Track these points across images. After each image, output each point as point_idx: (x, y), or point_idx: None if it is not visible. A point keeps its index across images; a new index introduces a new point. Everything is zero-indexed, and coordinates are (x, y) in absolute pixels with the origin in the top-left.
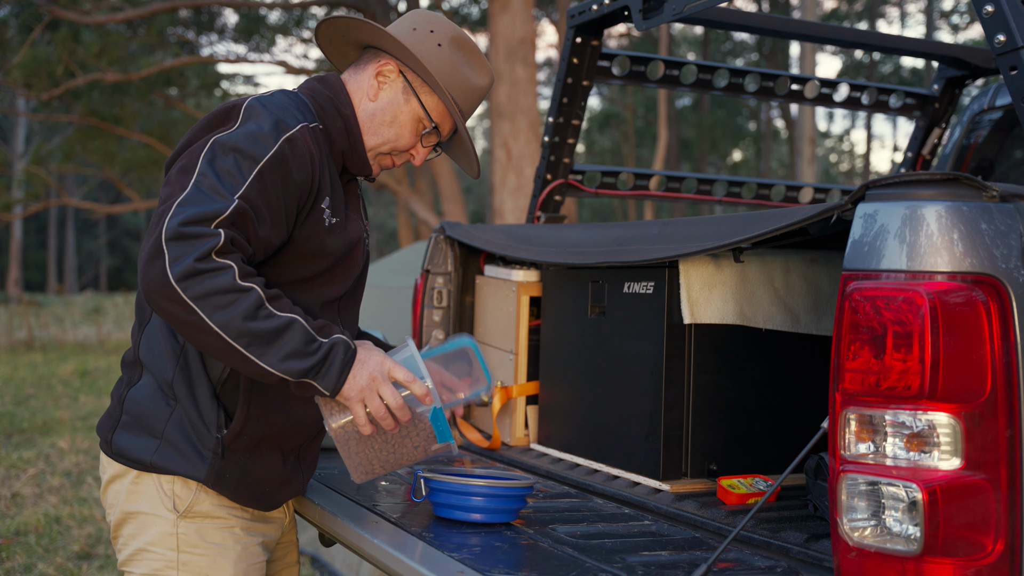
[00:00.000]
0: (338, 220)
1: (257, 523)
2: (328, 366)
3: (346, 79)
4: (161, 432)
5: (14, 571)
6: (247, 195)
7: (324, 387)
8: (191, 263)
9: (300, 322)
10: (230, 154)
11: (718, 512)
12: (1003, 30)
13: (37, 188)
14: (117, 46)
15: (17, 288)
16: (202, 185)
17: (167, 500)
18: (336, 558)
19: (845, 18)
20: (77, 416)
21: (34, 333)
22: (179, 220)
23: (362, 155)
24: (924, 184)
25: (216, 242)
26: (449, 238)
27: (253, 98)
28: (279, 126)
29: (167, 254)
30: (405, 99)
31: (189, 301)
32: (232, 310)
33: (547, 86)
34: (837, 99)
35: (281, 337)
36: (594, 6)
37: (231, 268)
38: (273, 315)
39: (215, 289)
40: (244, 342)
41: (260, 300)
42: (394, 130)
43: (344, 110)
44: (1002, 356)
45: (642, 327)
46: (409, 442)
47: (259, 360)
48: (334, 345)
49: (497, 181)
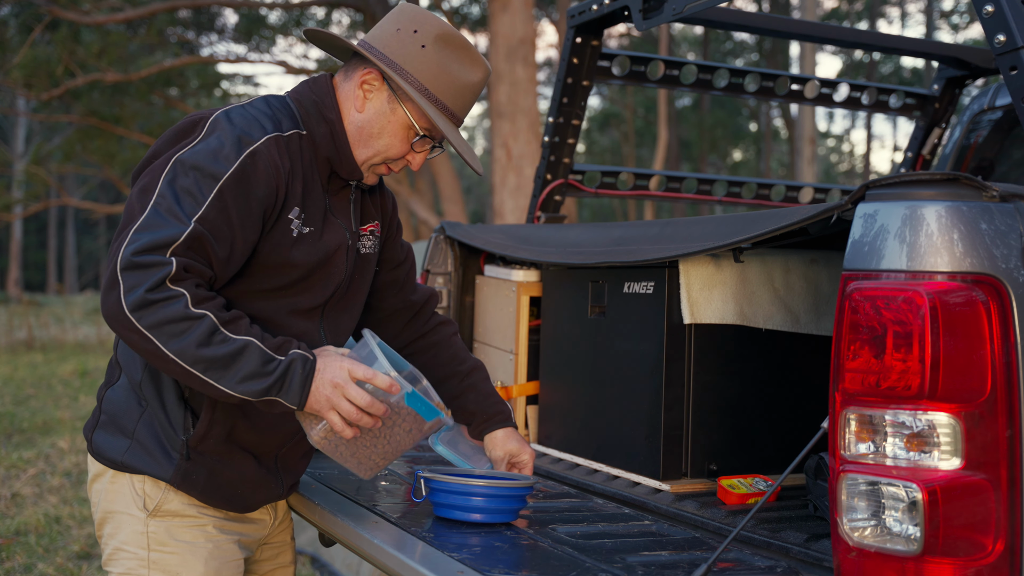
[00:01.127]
0: (311, 230)
1: (233, 522)
2: (288, 382)
3: (338, 83)
4: (132, 432)
5: (14, 571)
6: (206, 216)
7: (289, 402)
8: (143, 293)
9: (255, 344)
10: (190, 172)
11: (718, 512)
12: (1003, 30)
13: (37, 188)
14: (117, 46)
15: (17, 288)
16: (160, 208)
17: (138, 499)
18: (336, 558)
19: (845, 18)
20: (77, 416)
21: (34, 333)
22: (133, 249)
23: (350, 161)
24: (924, 184)
25: (168, 271)
26: (449, 238)
27: (222, 111)
28: (241, 141)
29: (122, 284)
30: (391, 108)
31: (144, 330)
32: (186, 338)
33: (547, 86)
34: (837, 99)
35: (237, 361)
36: (594, 6)
37: (183, 296)
38: (228, 339)
39: (168, 318)
40: (201, 367)
41: (214, 326)
42: (384, 141)
43: (329, 114)
44: (1002, 356)
45: (642, 327)
46: (399, 429)
47: (218, 384)
48: (292, 361)
49: (497, 181)
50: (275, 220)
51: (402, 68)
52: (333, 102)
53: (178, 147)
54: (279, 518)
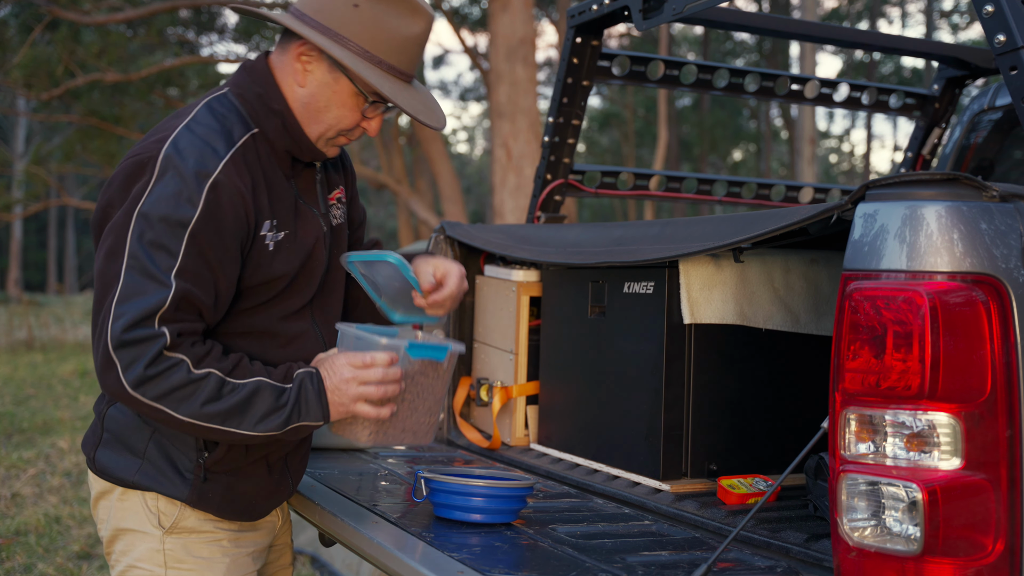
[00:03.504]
0: (286, 233)
1: (246, 533)
2: (305, 403)
3: (274, 61)
4: (143, 452)
5: (14, 571)
6: (184, 268)
7: (314, 420)
8: (142, 371)
9: (264, 382)
10: (157, 224)
11: (718, 512)
12: (1003, 30)
13: (37, 188)
14: (117, 46)
15: (17, 288)
16: (135, 271)
17: (152, 517)
18: (336, 558)
19: (845, 18)
20: (77, 416)
21: (34, 333)
22: (122, 325)
23: (308, 145)
24: (924, 184)
25: (163, 342)
26: (449, 238)
27: (169, 144)
28: (199, 176)
29: (118, 363)
30: (334, 78)
31: (151, 403)
32: (196, 399)
33: (547, 86)
34: (837, 99)
35: (251, 404)
36: (594, 6)
37: (183, 362)
38: (236, 387)
39: (173, 386)
40: (218, 421)
41: (220, 380)
42: (333, 113)
43: (276, 105)
44: (1002, 356)
45: (642, 327)
46: (425, 381)
47: (239, 430)
48: (301, 382)
49: (497, 181)
50: (251, 244)
51: (337, 33)
52: (276, 90)
53: (132, 195)
54: (283, 520)
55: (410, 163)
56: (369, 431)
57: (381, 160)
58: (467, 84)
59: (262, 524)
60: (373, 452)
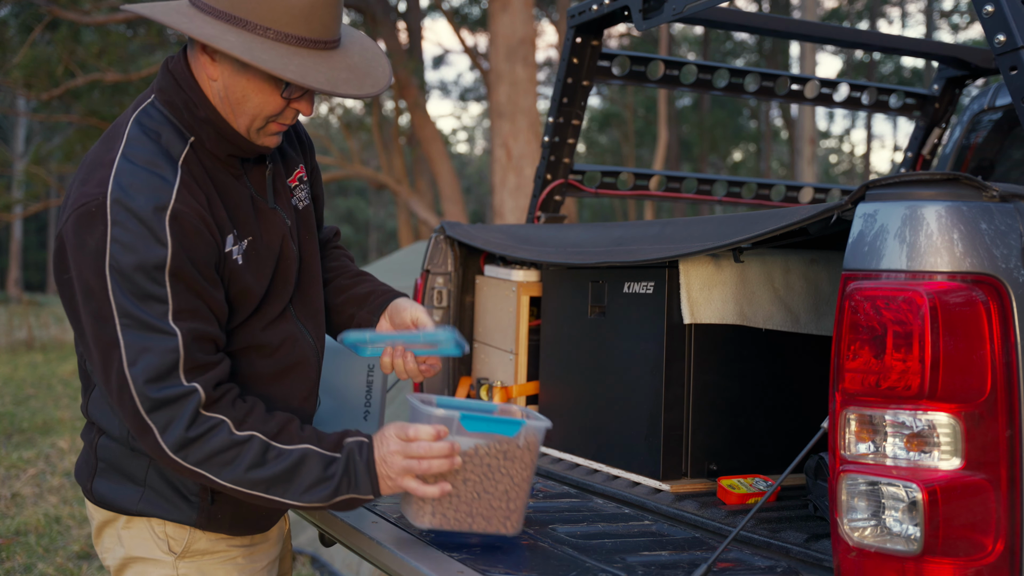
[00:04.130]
0: (250, 239)
1: (258, 545)
2: (354, 475)
3: (189, 56)
4: (143, 480)
5: (14, 571)
6: (179, 311)
7: (364, 493)
8: (183, 433)
9: (312, 450)
10: (134, 276)
11: (718, 512)
12: (1003, 30)
13: (37, 188)
14: (117, 46)
15: (17, 288)
16: (132, 329)
17: (161, 543)
18: (336, 558)
19: (845, 18)
20: (77, 416)
21: (34, 333)
22: (144, 384)
23: (247, 144)
24: (924, 184)
25: (198, 399)
26: (449, 238)
27: (112, 184)
28: (157, 211)
29: (154, 428)
30: (242, 66)
31: (193, 467)
32: (238, 465)
33: (547, 86)
34: (837, 99)
35: (297, 473)
36: (594, 6)
37: (223, 423)
38: (282, 453)
39: (214, 450)
40: (262, 488)
41: (264, 444)
42: (253, 102)
43: (202, 112)
44: (1002, 356)
45: (642, 327)
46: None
47: (283, 499)
48: (350, 453)
49: (497, 181)
50: (222, 263)
51: (231, 15)
52: (199, 93)
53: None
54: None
55: (410, 163)
56: (429, 512)
57: (381, 160)
58: (467, 84)
59: (271, 533)
60: None
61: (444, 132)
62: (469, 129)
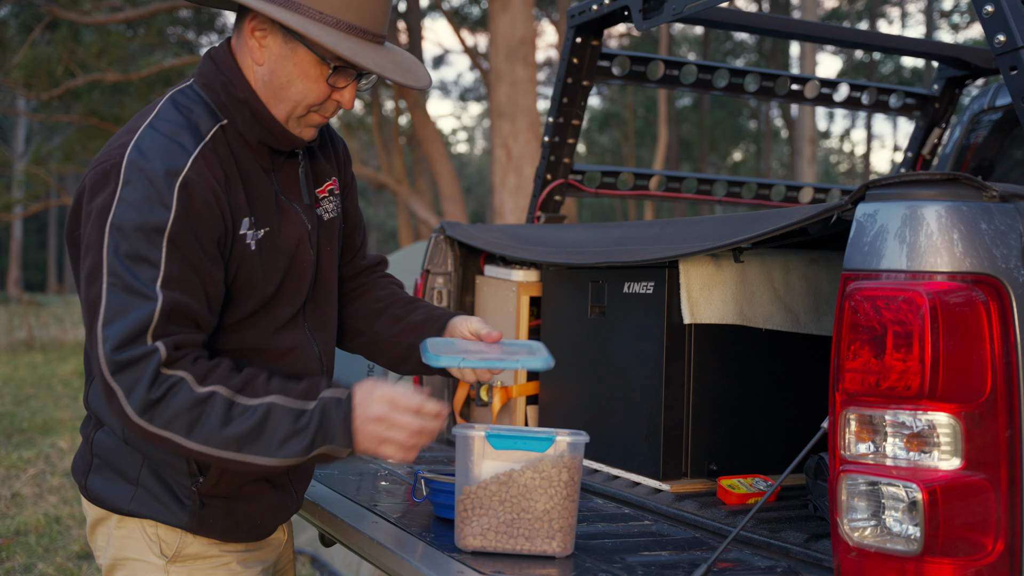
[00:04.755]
0: (267, 230)
1: (253, 552)
2: (332, 430)
3: (234, 45)
4: (136, 479)
5: (14, 571)
6: (169, 278)
7: (340, 446)
8: (145, 394)
9: (279, 404)
10: (132, 234)
11: (718, 512)
12: (1003, 30)
13: (37, 188)
14: (117, 46)
15: (17, 288)
16: (116, 288)
17: (153, 545)
18: (336, 558)
19: (845, 18)
20: (77, 416)
21: (34, 333)
22: (111, 347)
23: (281, 132)
24: (924, 184)
25: (158, 358)
26: (449, 238)
27: (132, 147)
28: (168, 175)
29: (118, 390)
30: (291, 49)
31: (159, 431)
32: (204, 424)
33: (547, 86)
34: (837, 99)
35: (265, 427)
36: (594, 6)
37: (183, 381)
38: (248, 408)
39: (177, 410)
40: (234, 448)
41: (228, 401)
42: (297, 88)
43: (241, 94)
44: (1002, 356)
45: (642, 327)
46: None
47: (258, 458)
48: (324, 407)
49: (497, 181)
50: (231, 244)
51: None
52: (239, 76)
53: (99, 207)
54: (288, 536)
55: (410, 163)
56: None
57: (381, 160)
58: (467, 84)
59: (268, 540)
60: None
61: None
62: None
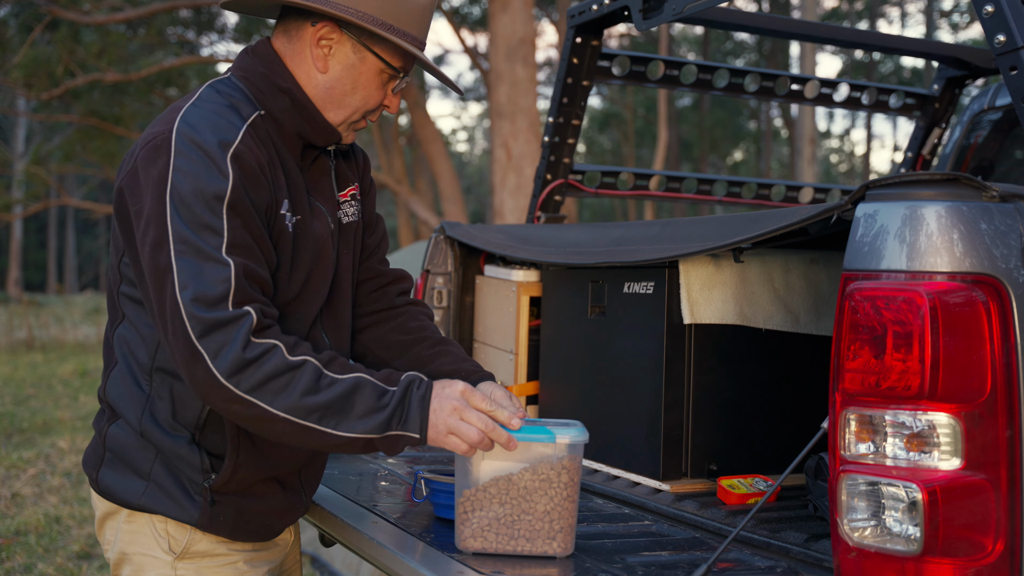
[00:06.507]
0: (299, 218)
1: (260, 552)
2: (407, 409)
3: (279, 46)
4: (148, 473)
5: (14, 571)
6: (233, 243)
7: (411, 431)
8: (238, 354)
9: (365, 378)
10: (194, 203)
11: (718, 512)
12: (1003, 30)
13: (37, 188)
14: (117, 46)
15: (17, 288)
16: (186, 255)
17: (162, 540)
18: (336, 558)
19: (845, 18)
20: (77, 416)
21: (34, 333)
22: (196, 310)
23: (324, 126)
24: (924, 184)
25: (249, 323)
26: (449, 238)
27: (179, 121)
28: (222, 145)
29: (205, 353)
30: (359, 58)
31: (245, 395)
32: (292, 390)
33: (547, 86)
34: (837, 99)
35: (352, 400)
36: (594, 6)
37: (277, 347)
38: (335, 380)
39: (269, 374)
40: (316, 417)
41: (318, 370)
42: (360, 94)
43: (284, 83)
44: (1002, 356)
45: (642, 327)
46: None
47: (337, 431)
48: (408, 386)
49: (497, 181)
50: (273, 220)
51: (354, 9)
52: (282, 66)
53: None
54: (295, 537)
55: (410, 163)
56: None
57: (381, 160)
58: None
59: (276, 541)
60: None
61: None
62: (469, 129)
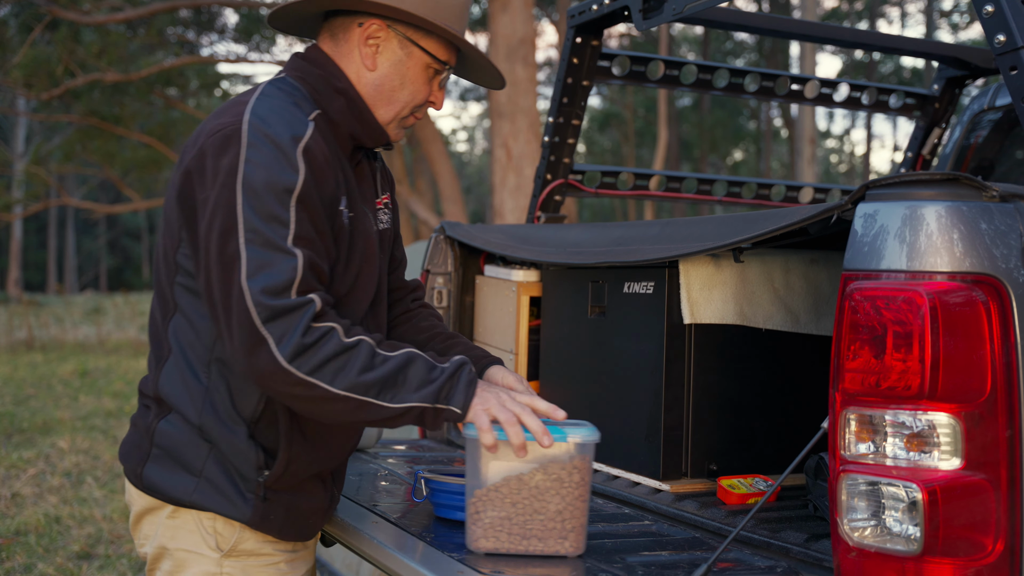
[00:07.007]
0: (353, 215)
1: (299, 553)
2: (455, 387)
3: (327, 49)
4: (200, 470)
5: (14, 571)
6: (299, 236)
7: (456, 406)
8: (299, 340)
9: (417, 353)
10: (265, 194)
11: (718, 512)
12: (1003, 30)
13: (37, 188)
14: (117, 46)
15: (17, 288)
16: (255, 244)
17: (209, 538)
18: (336, 558)
19: (845, 18)
20: (77, 416)
21: (34, 333)
22: (263, 297)
23: (375, 127)
24: (924, 184)
25: (312, 309)
26: (449, 238)
27: (249, 113)
28: (293, 139)
29: (269, 338)
30: (407, 54)
31: (306, 377)
32: (350, 369)
33: (547, 86)
34: (837, 99)
35: (406, 373)
36: (594, 6)
37: (334, 330)
38: (388, 357)
39: (328, 356)
40: (373, 392)
41: (372, 349)
42: (408, 90)
43: (340, 84)
44: (1002, 356)
45: (642, 327)
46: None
47: (392, 403)
48: (460, 365)
49: (497, 181)
50: (334, 217)
51: (397, 8)
52: (338, 69)
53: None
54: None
55: (410, 163)
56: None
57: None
58: (467, 84)
59: (311, 542)
60: (372, 452)
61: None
62: (469, 129)
